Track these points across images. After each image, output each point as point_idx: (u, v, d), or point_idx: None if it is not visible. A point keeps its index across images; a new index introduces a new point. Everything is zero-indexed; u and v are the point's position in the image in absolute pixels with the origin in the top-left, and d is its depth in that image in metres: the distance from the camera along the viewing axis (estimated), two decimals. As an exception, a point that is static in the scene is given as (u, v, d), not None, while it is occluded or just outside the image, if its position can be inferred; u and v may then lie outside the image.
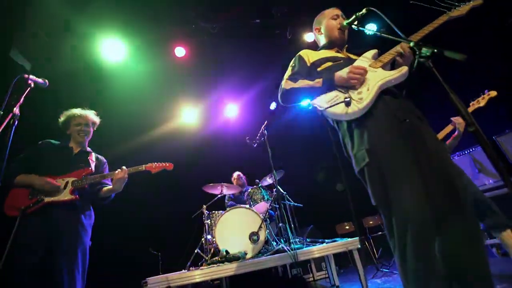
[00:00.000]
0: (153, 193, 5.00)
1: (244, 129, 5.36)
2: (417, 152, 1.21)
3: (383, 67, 1.39)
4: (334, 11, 1.67)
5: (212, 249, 2.88)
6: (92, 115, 2.26)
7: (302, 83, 1.47)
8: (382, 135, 1.23)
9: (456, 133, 2.53)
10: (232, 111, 5.75)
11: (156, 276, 2.23)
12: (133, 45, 4.55)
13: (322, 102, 1.39)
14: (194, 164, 5.22)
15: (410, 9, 2.02)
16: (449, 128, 2.58)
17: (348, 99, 1.29)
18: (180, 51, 4.92)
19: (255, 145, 3.51)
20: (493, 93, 2.58)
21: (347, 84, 1.36)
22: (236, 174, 4.47)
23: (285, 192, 3.50)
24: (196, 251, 2.94)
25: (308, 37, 4.78)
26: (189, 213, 3.68)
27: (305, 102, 1.54)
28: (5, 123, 1.22)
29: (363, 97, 1.30)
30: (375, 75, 1.35)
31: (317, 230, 4.46)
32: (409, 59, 1.36)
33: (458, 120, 2.51)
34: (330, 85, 1.40)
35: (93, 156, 2.26)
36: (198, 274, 2.31)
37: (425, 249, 1.08)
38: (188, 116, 5.64)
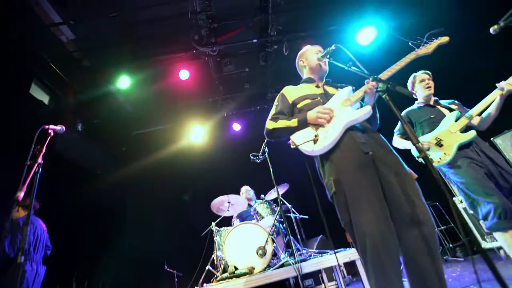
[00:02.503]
0: (163, 213, 5.23)
1: (250, 144, 5.55)
2: (378, 178, 1.35)
3: (353, 104, 1.55)
4: (317, 48, 1.86)
5: (222, 266, 3.01)
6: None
7: (282, 123, 1.66)
8: (346, 167, 1.40)
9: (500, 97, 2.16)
10: (237, 128, 5.95)
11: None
12: (140, 73, 4.85)
13: (297, 139, 1.58)
14: (202, 182, 5.43)
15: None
16: (496, 94, 2.17)
17: (316, 137, 1.45)
18: (184, 74, 5.17)
19: (258, 161, 3.65)
20: None
21: (318, 122, 1.54)
22: (244, 188, 4.61)
23: (290, 205, 3.61)
24: (207, 267, 3.09)
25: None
26: (201, 230, 3.86)
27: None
28: (32, 172, 1.45)
29: (328, 136, 1.47)
30: (343, 114, 1.52)
31: (328, 239, 4.50)
32: (375, 95, 1.52)
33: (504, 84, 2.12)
34: (303, 124, 1.59)
35: None
36: (209, 291, 2.45)
37: (382, 265, 1.21)
38: (195, 136, 5.89)
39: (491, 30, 1.78)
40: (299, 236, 3.41)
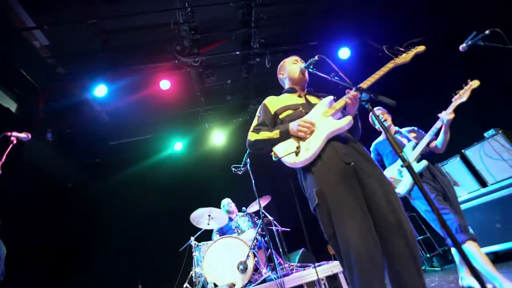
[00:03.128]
0: (140, 225, 4.98)
1: (231, 156, 5.48)
2: (361, 189, 1.35)
3: (334, 114, 1.55)
4: (293, 58, 1.90)
5: (201, 283, 2.87)
6: None
7: (264, 134, 1.65)
8: (328, 179, 1.39)
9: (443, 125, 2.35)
10: (218, 140, 5.87)
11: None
12: (119, 81, 4.69)
13: (279, 150, 1.57)
14: (182, 194, 5.26)
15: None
16: (439, 124, 2.38)
17: (298, 149, 1.45)
18: (165, 84, 5.06)
19: (240, 173, 3.59)
20: (476, 83, 2.29)
21: (297, 135, 1.54)
22: (225, 200, 4.50)
23: (272, 218, 3.55)
24: (185, 286, 2.92)
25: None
26: (179, 245, 3.68)
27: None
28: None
29: (309, 148, 1.46)
30: (324, 125, 1.52)
31: (310, 252, 4.46)
32: (356, 105, 1.55)
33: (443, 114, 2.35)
34: (285, 135, 1.58)
35: None
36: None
37: (368, 277, 1.19)
38: (175, 147, 5.77)
39: (460, 47, 1.92)
40: (281, 250, 3.34)
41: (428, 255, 4.24)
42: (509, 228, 2.74)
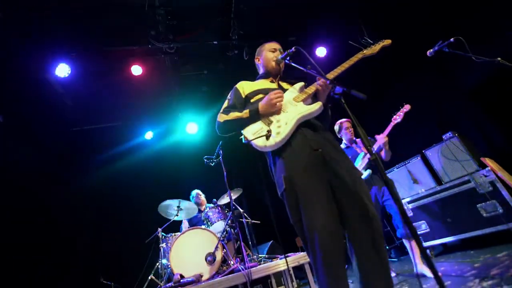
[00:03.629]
0: (104, 215, 4.72)
1: (204, 147, 5.38)
2: (329, 176, 1.39)
3: (305, 100, 1.58)
4: (273, 45, 1.87)
5: (167, 275, 2.80)
6: None
7: (233, 115, 1.63)
8: (297, 164, 1.41)
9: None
10: (191, 129, 5.72)
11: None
12: (85, 62, 4.37)
13: (248, 133, 1.54)
14: (151, 184, 5.08)
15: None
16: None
17: (268, 133, 1.45)
18: (136, 70, 4.81)
19: (212, 164, 3.54)
20: (407, 107, 2.92)
21: (270, 109, 1.53)
22: (195, 192, 4.42)
23: (242, 210, 3.55)
24: (149, 277, 2.84)
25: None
26: (145, 236, 3.55)
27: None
28: None
29: (280, 131, 1.47)
30: (295, 109, 1.54)
31: (279, 245, 4.54)
32: (327, 92, 1.57)
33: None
34: (255, 115, 1.56)
35: None
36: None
37: (330, 261, 1.24)
38: (146, 134, 5.54)
39: (428, 53, 2.04)
40: (250, 242, 3.37)
41: (387, 247, 4.53)
42: (457, 222, 3.01)
